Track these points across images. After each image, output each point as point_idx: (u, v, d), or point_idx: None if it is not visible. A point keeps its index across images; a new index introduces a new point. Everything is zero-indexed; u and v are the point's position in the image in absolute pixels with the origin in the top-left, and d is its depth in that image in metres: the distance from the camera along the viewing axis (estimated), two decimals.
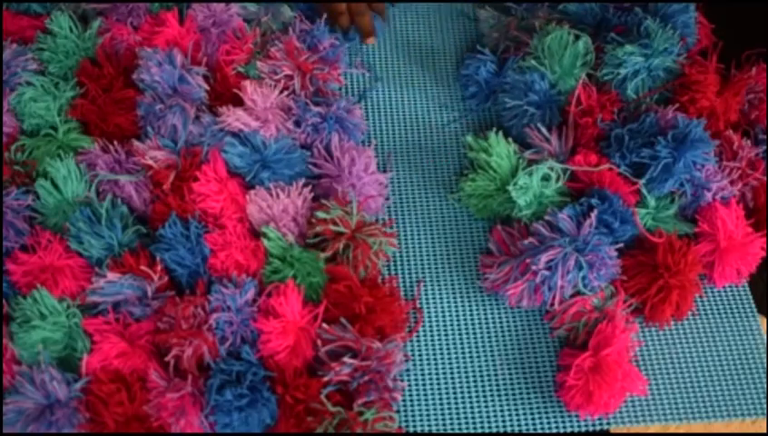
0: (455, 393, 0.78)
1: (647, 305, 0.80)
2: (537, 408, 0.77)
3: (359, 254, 0.79)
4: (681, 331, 0.82)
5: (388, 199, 0.88)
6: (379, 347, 0.75)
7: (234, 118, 0.87)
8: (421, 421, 0.77)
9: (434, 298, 0.83)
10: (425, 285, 0.83)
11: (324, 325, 0.76)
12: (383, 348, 0.75)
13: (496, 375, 0.79)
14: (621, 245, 0.81)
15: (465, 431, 0.75)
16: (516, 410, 0.77)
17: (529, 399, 0.78)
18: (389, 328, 0.77)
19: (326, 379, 0.73)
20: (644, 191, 0.83)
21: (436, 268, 0.84)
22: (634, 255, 0.82)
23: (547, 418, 0.77)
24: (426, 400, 0.78)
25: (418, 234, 0.86)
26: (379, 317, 0.77)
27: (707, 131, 0.85)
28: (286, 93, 0.91)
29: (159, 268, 0.79)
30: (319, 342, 0.76)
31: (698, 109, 0.89)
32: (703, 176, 0.84)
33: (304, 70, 0.92)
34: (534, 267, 0.77)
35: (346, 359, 0.74)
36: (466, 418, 0.77)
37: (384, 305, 0.77)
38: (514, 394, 0.78)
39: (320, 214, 0.82)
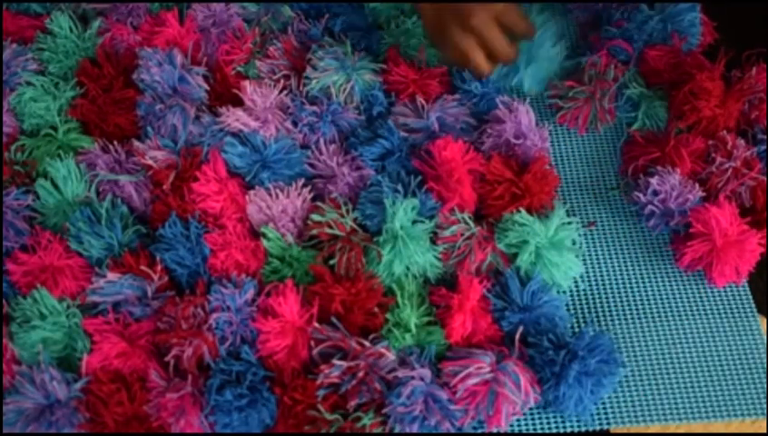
0: None
1: None
2: (537, 408, 0.77)
3: (352, 258, 0.79)
4: (681, 331, 0.82)
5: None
6: (368, 346, 0.75)
7: (234, 118, 0.87)
8: None
9: None
10: None
11: (316, 325, 0.76)
12: (373, 347, 0.74)
13: None
14: None
15: (464, 432, 0.75)
16: None
17: None
18: (371, 326, 0.77)
19: (318, 382, 0.73)
20: None
21: None
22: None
23: (547, 418, 0.77)
24: None
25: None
26: (357, 316, 0.76)
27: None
28: (285, 92, 0.91)
29: (159, 268, 0.79)
30: (312, 343, 0.76)
31: (699, 117, 0.89)
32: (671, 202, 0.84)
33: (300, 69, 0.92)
34: None
35: (335, 360, 0.74)
36: None
37: (361, 303, 0.77)
38: None
39: (315, 217, 0.82)
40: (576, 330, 0.81)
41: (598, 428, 0.76)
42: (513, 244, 0.81)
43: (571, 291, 0.84)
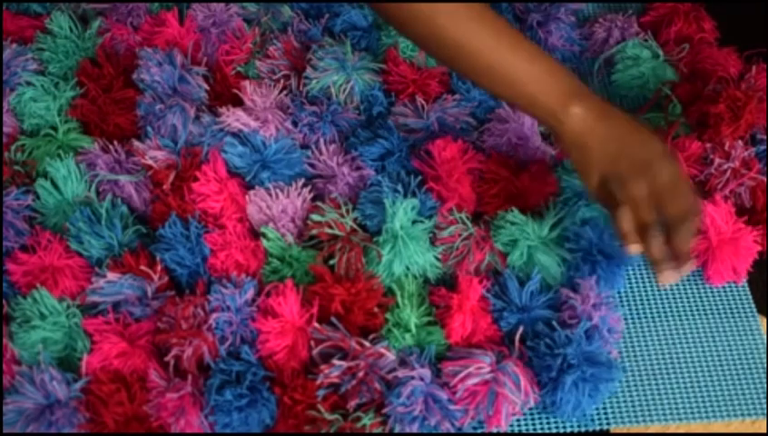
0: None
1: None
2: (537, 408, 0.77)
3: (352, 258, 0.79)
4: (681, 331, 0.82)
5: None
6: (368, 346, 0.74)
7: (234, 118, 0.87)
8: None
9: None
10: None
11: (316, 325, 0.76)
12: (373, 347, 0.74)
13: None
14: None
15: (464, 432, 0.75)
16: None
17: None
18: (371, 326, 0.77)
19: (318, 382, 0.73)
20: None
21: None
22: None
23: (547, 418, 0.77)
24: None
25: None
26: (357, 316, 0.76)
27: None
28: (285, 92, 0.91)
29: (159, 268, 0.79)
30: (312, 343, 0.75)
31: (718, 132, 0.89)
32: None
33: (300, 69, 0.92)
34: None
35: (335, 360, 0.74)
36: None
37: (361, 303, 0.77)
38: None
39: (315, 217, 0.82)
40: (575, 332, 0.81)
41: (598, 428, 0.76)
42: (506, 243, 0.81)
43: None
